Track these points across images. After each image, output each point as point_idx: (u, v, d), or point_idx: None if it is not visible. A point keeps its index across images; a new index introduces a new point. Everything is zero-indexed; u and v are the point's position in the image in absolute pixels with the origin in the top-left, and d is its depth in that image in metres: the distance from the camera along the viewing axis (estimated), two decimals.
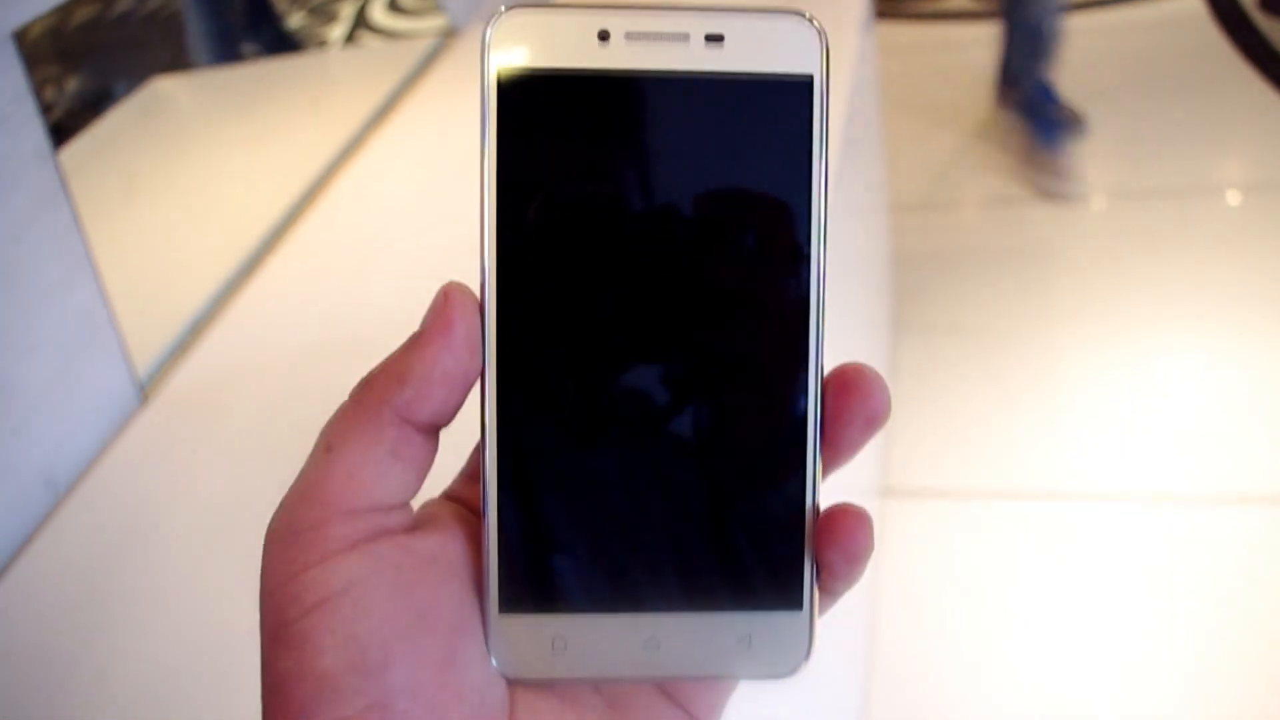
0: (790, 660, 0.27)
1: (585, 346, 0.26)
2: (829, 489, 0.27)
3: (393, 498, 0.25)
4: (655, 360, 0.26)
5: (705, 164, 0.25)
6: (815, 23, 0.25)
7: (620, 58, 0.25)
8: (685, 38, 0.25)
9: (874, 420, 0.26)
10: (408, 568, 0.24)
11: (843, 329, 0.96)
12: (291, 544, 0.24)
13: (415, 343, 0.26)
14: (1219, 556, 1.32)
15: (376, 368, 0.26)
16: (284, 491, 0.26)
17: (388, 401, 0.25)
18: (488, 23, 0.25)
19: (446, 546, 0.26)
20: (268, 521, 0.25)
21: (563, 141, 0.25)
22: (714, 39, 0.25)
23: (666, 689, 0.28)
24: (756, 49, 0.25)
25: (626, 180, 0.25)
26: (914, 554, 1.39)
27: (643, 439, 0.26)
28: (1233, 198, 2.01)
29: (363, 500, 0.24)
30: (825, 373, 0.26)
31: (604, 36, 0.25)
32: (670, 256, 0.26)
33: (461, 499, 0.28)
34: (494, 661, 0.26)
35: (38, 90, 0.68)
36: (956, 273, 1.90)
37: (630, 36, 0.25)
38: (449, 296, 0.26)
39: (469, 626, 0.25)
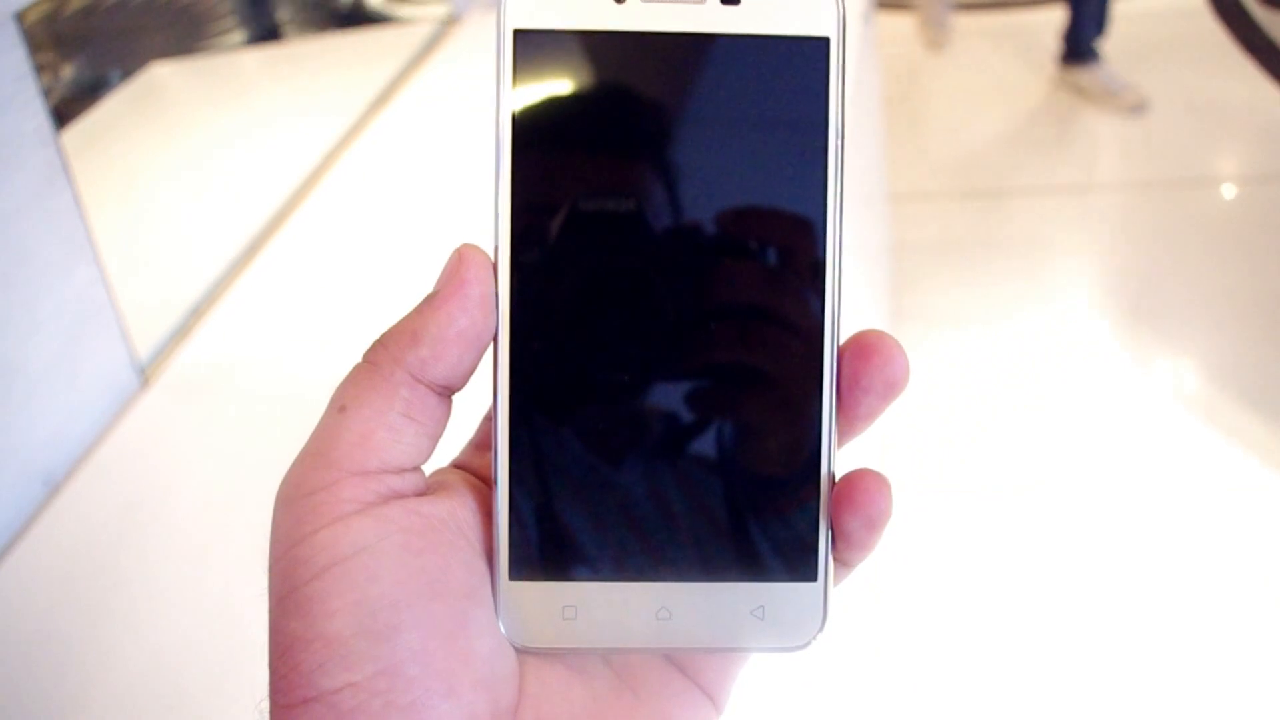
0: (804, 633, 0.26)
1: (598, 310, 0.26)
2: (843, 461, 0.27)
3: (405, 460, 0.25)
4: (669, 326, 0.25)
5: (720, 124, 0.25)
6: None
7: (636, 19, 0.25)
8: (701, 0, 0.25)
9: (893, 387, 0.26)
10: (418, 532, 0.24)
11: (841, 319, 0.95)
12: (302, 506, 0.24)
13: (429, 302, 0.25)
14: (1217, 546, 1.32)
15: (390, 328, 0.25)
16: (281, 475, 0.25)
17: (401, 361, 0.25)
18: None
19: (457, 512, 0.25)
20: (267, 503, 0.25)
21: (578, 102, 0.25)
22: (730, 1, 0.25)
23: (676, 661, 0.27)
24: (773, 11, 0.25)
25: (642, 141, 0.25)
26: (911, 546, 1.39)
27: (656, 405, 0.26)
28: (1229, 189, 2.01)
29: (374, 461, 0.24)
30: (842, 340, 0.26)
31: None
32: (685, 218, 0.25)
33: (470, 468, 0.28)
34: (503, 630, 0.25)
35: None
36: (956, 263, 1.90)
37: None
38: (463, 257, 0.25)
39: (479, 593, 0.25)
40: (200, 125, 1.18)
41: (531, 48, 0.25)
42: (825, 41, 0.25)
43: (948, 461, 1.51)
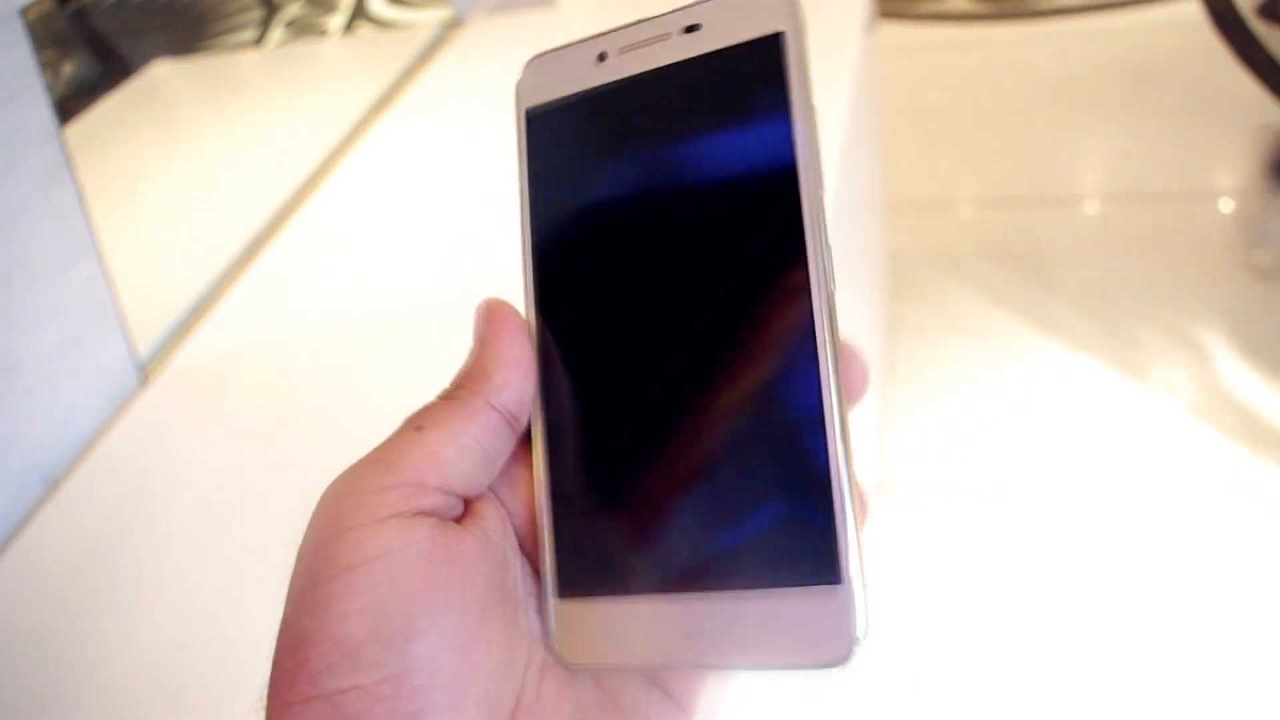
0: (833, 647, 0.23)
1: (613, 341, 0.27)
2: None
3: (462, 485, 0.26)
4: (671, 353, 0.26)
5: (696, 138, 0.26)
6: None
7: (616, 70, 0.28)
8: (667, 36, 0.27)
9: (851, 395, 0.26)
10: (444, 545, 0.24)
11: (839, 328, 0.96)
12: (345, 504, 0.24)
13: (483, 344, 0.28)
14: (1213, 548, 1.33)
15: (459, 372, 0.28)
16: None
17: (478, 391, 0.27)
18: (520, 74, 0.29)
19: (489, 530, 0.26)
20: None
21: (576, 151, 0.28)
22: (691, 29, 0.27)
23: (655, 677, 0.27)
24: (730, 26, 0.26)
25: (632, 168, 0.27)
26: (908, 550, 1.39)
27: (668, 422, 0.26)
28: (1226, 204, 2.02)
29: (435, 478, 0.25)
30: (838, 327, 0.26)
31: (602, 57, 0.28)
32: (676, 237, 0.26)
33: (503, 491, 0.28)
34: (555, 647, 0.26)
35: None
36: (952, 272, 1.90)
37: (623, 50, 0.28)
38: (491, 305, 0.28)
39: (495, 609, 0.25)
40: (202, 124, 1.18)
41: (539, 120, 0.29)
42: (779, 37, 0.25)
43: (942, 468, 1.51)
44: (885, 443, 1.55)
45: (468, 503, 0.26)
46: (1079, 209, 2.06)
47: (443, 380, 0.72)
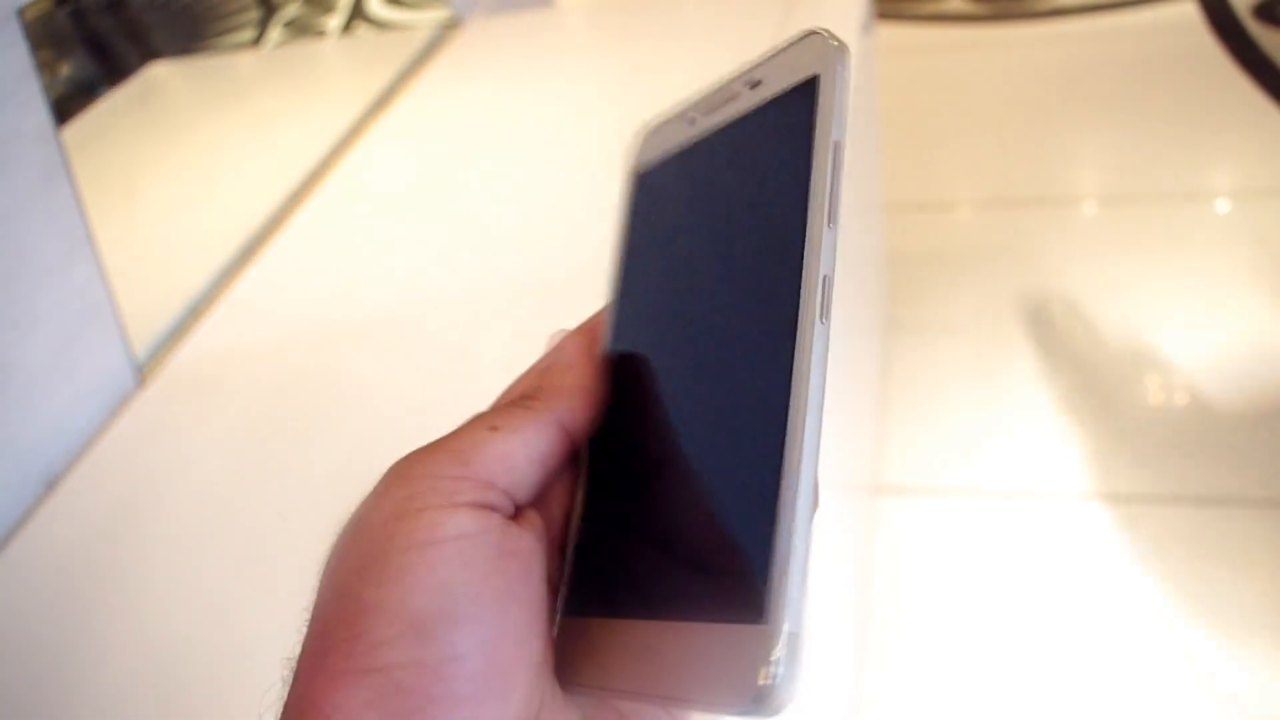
0: (746, 691, 0.21)
1: (642, 367, 0.29)
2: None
3: (523, 492, 0.26)
4: (683, 385, 0.28)
5: (742, 193, 0.28)
6: (825, 32, 0.27)
7: (699, 129, 0.31)
8: (737, 95, 0.29)
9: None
10: (510, 539, 0.25)
11: (836, 328, 0.96)
12: (420, 484, 0.25)
13: (563, 367, 0.28)
14: (1210, 556, 1.33)
15: (538, 389, 0.28)
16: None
17: (554, 409, 0.27)
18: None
19: (539, 535, 0.27)
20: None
21: (654, 210, 0.32)
22: (754, 84, 0.29)
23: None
24: (784, 75, 0.28)
25: (691, 220, 0.30)
26: (905, 552, 1.39)
27: (648, 454, 0.27)
28: (1223, 204, 2.02)
29: (504, 479, 0.26)
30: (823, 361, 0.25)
31: (691, 121, 0.31)
32: (711, 295, 0.28)
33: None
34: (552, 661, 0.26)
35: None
36: (950, 273, 1.90)
37: (706, 111, 0.30)
38: (581, 333, 0.30)
39: (541, 608, 0.26)
40: (199, 125, 1.18)
41: (641, 177, 0.33)
42: (814, 78, 0.27)
43: (939, 469, 1.51)
44: (882, 443, 1.55)
45: (520, 509, 0.27)
46: (1076, 210, 2.06)
47: (437, 381, 0.72)
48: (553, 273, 0.77)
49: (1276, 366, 1.59)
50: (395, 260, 0.85)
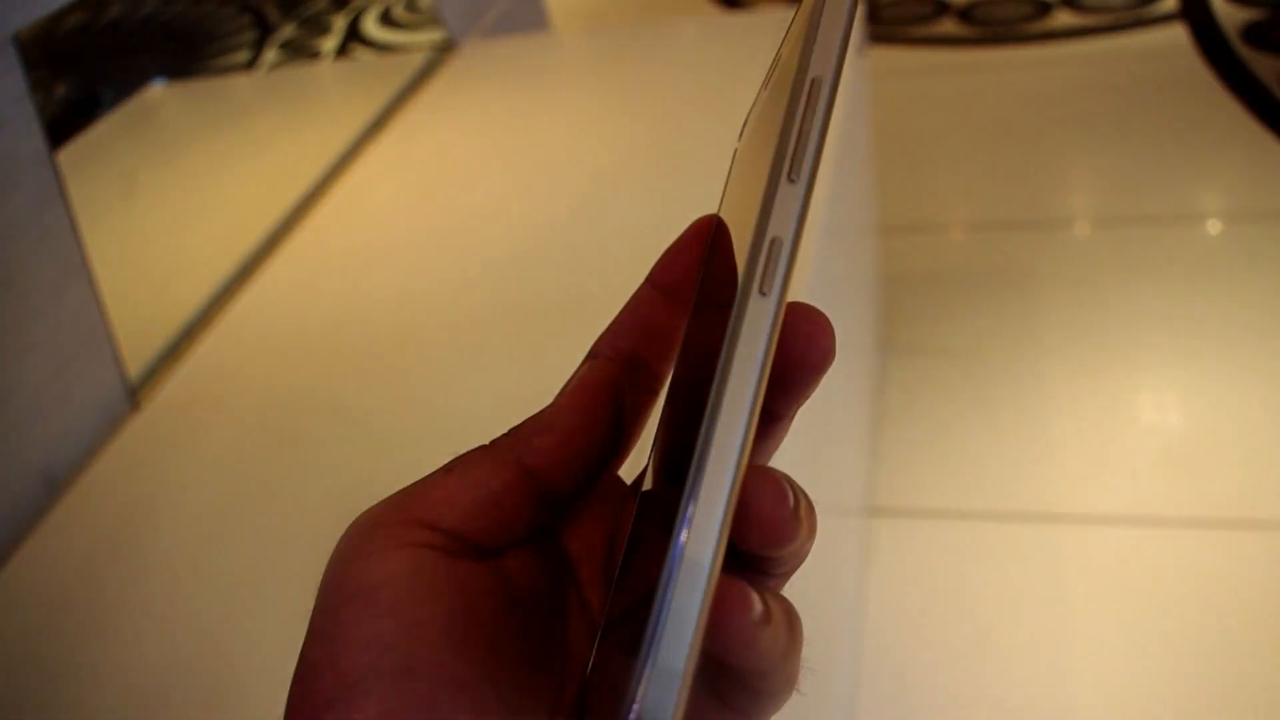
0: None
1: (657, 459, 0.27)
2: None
3: (477, 534, 0.25)
4: (667, 437, 0.27)
5: (754, 146, 0.26)
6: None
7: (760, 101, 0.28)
8: (779, 57, 0.28)
9: (768, 527, 0.22)
10: (450, 579, 0.24)
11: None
12: (360, 535, 0.24)
13: (552, 404, 0.27)
14: (1202, 580, 1.33)
15: (522, 423, 0.27)
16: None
17: (514, 448, 0.26)
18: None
19: (509, 572, 0.26)
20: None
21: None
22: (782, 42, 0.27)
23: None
24: (798, 24, 0.26)
25: (734, 193, 0.27)
26: (900, 574, 1.39)
27: (654, 491, 0.26)
28: (1214, 226, 2.03)
29: (448, 520, 0.25)
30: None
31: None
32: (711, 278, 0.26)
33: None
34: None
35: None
36: (944, 295, 1.91)
37: (766, 82, 0.28)
38: (588, 370, 0.27)
39: (511, 651, 0.24)
40: (196, 148, 1.18)
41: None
42: (815, 17, 0.24)
43: (934, 491, 1.51)
44: (876, 465, 1.55)
45: (494, 551, 0.26)
46: (1069, 231, 2.07)
47: (432, 403, 0.72)
48: (549, 296, 0.77)
49: (1267, 387, 1.60)
50: (390, 283, 0.85)
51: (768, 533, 0.22)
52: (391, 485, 0.26)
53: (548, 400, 0.27)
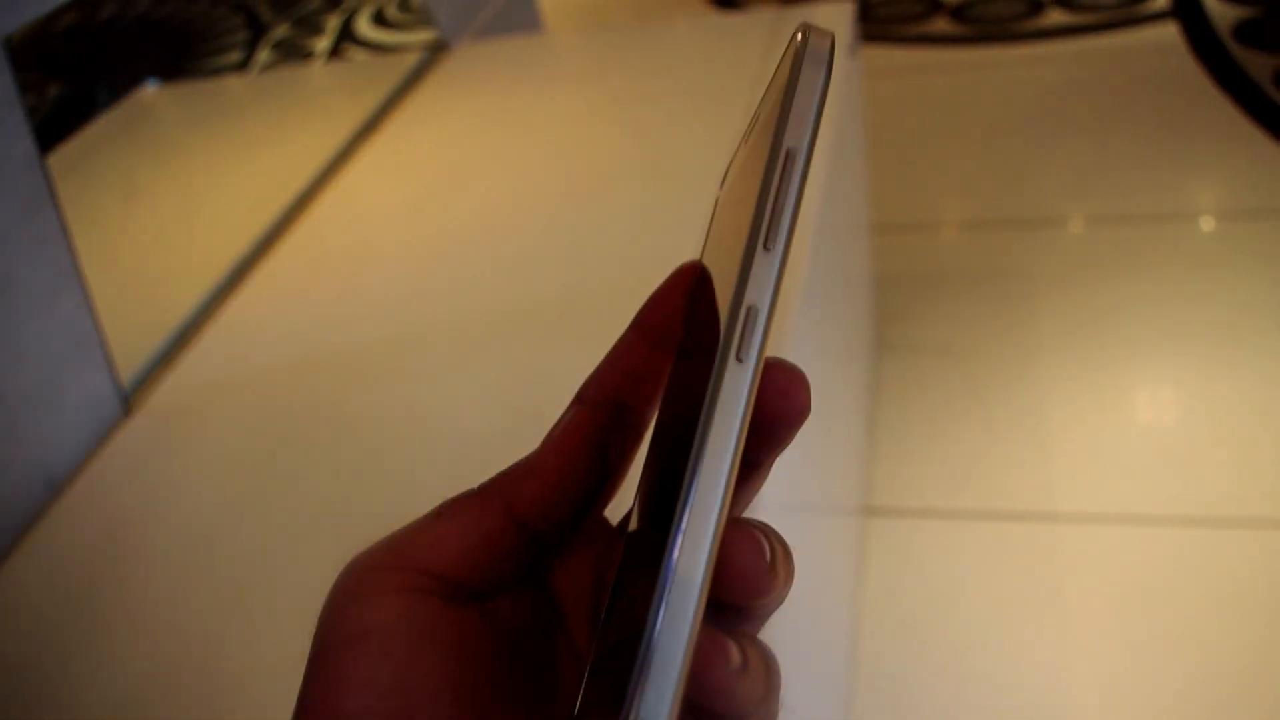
0: None
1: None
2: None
3: (467, 577, 0.25)
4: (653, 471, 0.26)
5: (732, 202, 0.26)
6: (801, 31, 0.24)
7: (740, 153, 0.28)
8: (758, 113, 0.27)
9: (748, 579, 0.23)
10: (442, 624, 0.24)
11: (825, 350, 0.96)
12: (351, 576, 0.25)
13: (539, 447, 0.27)
14: (1196, 578, 1.33)
15: (508, 468, 0.27)
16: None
17: (503, 491, 0.26)
18: None
19: (499, 615, 0.26)
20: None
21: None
22: (762, 98, 0.27)
23: None
24: (774, 82, 0.25)
25: (713, 250, 0.27)
26: (895, 573, 1.39)
27: (637, 534, 0.26)
28: (1206, 224, 2.04)
29: (438, 564, 0.25)
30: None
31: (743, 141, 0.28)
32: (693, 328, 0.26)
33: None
34: None
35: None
36: (938, 294, 1.91)
37: (747, 134, 0.28)
38: (573, 415, 0.27)
39: (503, 695, 0.25)
40: (188, 149, 1.18)
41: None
42: (791, 83, 0.24)
43: (929, 491, 1.51)
44: (870, 465, 1.55)
45: (485, 593, 0.26)
46: (1062, 230, 2.07)
47: (425, 408, 0.72)
48: (543, 298, 0.77)
49: (1261, 386, 1.60)
50: (384, 286, 0.85)
51: (746, 586, 0.22)
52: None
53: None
